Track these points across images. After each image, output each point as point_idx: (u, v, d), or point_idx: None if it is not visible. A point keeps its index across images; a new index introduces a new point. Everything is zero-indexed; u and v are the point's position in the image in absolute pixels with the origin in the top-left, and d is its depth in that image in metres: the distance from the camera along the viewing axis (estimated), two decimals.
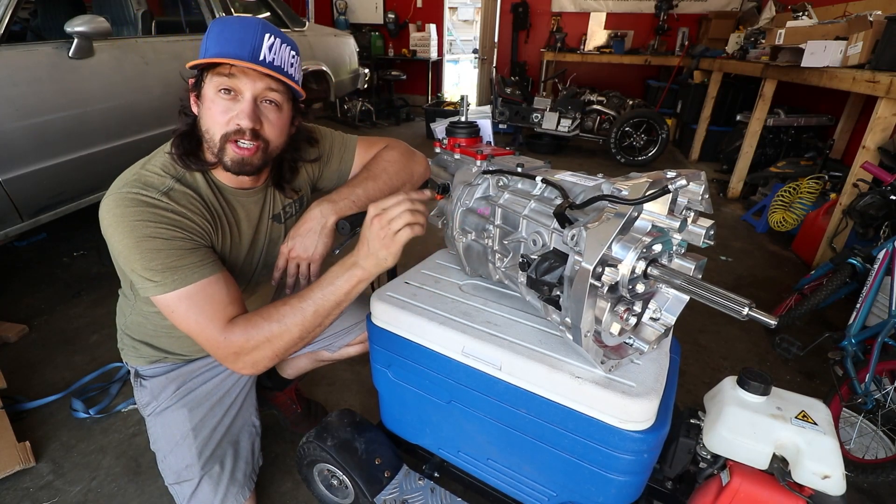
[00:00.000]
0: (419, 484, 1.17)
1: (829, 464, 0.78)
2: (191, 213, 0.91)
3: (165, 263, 0.85)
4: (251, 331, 0.87)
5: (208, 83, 0.89)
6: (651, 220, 0.74)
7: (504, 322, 0.95)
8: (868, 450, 1.55)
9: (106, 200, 0.88)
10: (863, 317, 1.67)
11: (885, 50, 2.44)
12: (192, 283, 0.86)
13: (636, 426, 0.78)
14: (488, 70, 6.54)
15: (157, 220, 0.86)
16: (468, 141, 1.16)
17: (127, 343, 1.16)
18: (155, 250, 0.85)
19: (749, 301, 0.65)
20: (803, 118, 3.73)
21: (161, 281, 0.85)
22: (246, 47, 0.86)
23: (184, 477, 1.10)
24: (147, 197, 0.87)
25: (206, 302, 0.87)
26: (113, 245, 0.87)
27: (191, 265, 0.87)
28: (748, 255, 3.04)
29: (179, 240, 0.87)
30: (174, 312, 0.88)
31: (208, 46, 0.87)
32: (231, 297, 0.91)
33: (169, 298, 0.86)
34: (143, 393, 1.15)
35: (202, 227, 0.93)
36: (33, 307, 2.24)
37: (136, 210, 0.85)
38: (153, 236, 0.85)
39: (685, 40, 5.64)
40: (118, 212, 0.85)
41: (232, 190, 1.01)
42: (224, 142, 0.90)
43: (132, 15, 2.61)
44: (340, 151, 1.20)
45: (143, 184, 0.89)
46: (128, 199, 0.86)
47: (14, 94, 1.86)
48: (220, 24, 0.89)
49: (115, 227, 0.85)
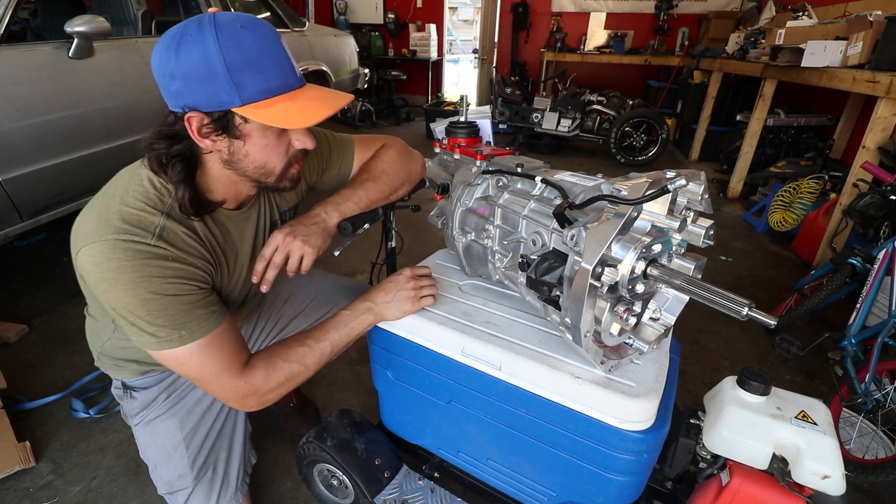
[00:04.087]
0: (419, 484, 1.17)
1: (828, 464, 0.77)
2: (191, 258, 0.82)
3: (173, 320, 0.78)
4: (272, 373, 0.87)
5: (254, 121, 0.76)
6: (651, 220, 0.74)
7: (504, 322, 0.95)
8: (868, 450, 1.55)
9: (91, 250, 0.74)
10: (863, 317, 1.67)
11: (885, 50, 2.44)
12: (203, 336, 0.81)
13: (636, 426, 0.78)
14: (488, 70, 6.55)
15: (162, 274, 0.76)
16: (468, 141, 1.16)
17: (107, 362, 1.07)
18: (161, 308, 0.76)
19: (749, 301, 0.65)
20: (803, 118, 3.73)
21: (166, 337, 0.78)
22: (289, 68, 0.77)
23: (177, 487, 1.08)
24: (143, 244, 0.75)
25: (219, 351, 0.83)
26: (107, 301, 0.76)
27: (199, 318, 0.81)
28: (748, 255, 3.03)
29: (187, 294, 0.79)
30: (184, 365, 0.82)
31: (240, 80, 0.71)
32: (241, 342, 0.89)
33: (178, 353, 0.80)
34: (132, 404, 1.08)
35: (204, 269, 0.85)
36: (33, 307, 2.24)
37: (136, 264, 0.74)
38: (160, 293, 0.76)
39: (685, 40, 5.64)
40: (112, 266, 0.73)
41: (226, 213, 0.92)
42: (287, 168, 0.86)
43: (132, 15, 2.61)
44: (340, 156, 1.16)
45: (132, 225, 0.76)
46: (121, 249, 0.74)
47: (14, 94, 1.86)
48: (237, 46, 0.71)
49: (112, 283, 0.74)
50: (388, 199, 1.11)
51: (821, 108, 3.83)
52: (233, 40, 0.71)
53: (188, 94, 0.73)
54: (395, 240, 1.24)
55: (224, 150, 0.80)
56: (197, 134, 0.76)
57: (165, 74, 0.73)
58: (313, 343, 0.92)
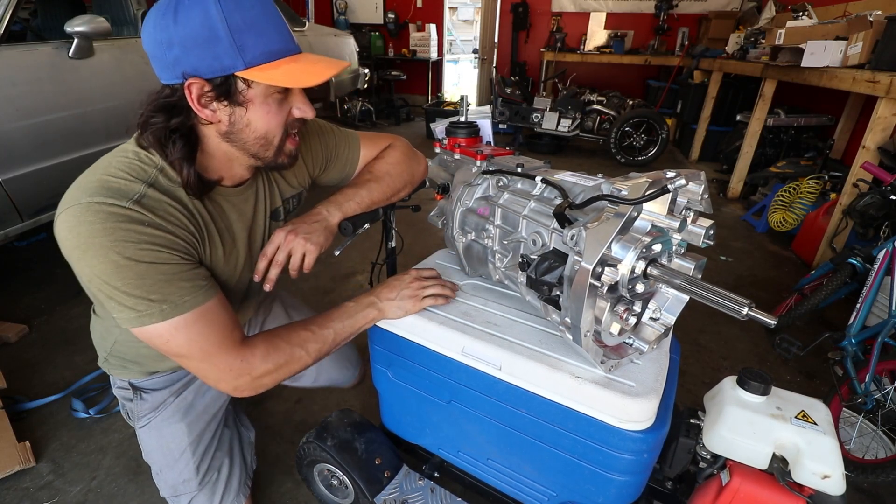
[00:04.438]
0: (419, 484, 1.17)
1: (828, 463, 0.78)
2: (171, 226, 0.76)
3: (152, 290, 0.72)
4: (272, 353, 0.83)
5: (257, 85, 0.75)
6: (651, 220, 0.74)
7: (504, 322, 0.95)
8: (868, 450, 1.55)
9: (65, 216, 0.71)
10: (863, 317, 1.67)
11: (885, 50, 2.44)
12: (190, 311, 0.75)
13: (636, 426, 0.78)
14: (488, 70, 6.55)
15: (136, 239, 0.71)
16: (468, 141, 1.16)
17: (115, 363, 1.03)
18: (137, 277, 0.71)
19: (748, 301, 0.65)
20: (803, 118, 3.73)
21: (146, 311, 0.73)
22: (287, 33, 0.75)
23: (181, 491, 1.08)
24: (117, 206, 0.71)
25: (209, 328, 0.78)
26: (81, 271, 0.72)
27: (183, 290, 0.75)
28: (748, 255, 3.04)
29: (165, 263, 0.74)
30: (170, 342, 0.76)
31: (243, 43, 0.70)
32: (235, 321, 0.83)
33: (161, 329, 0.75)
34: (141, 406, 1.06)
35: (186, 240, 0.79)
36: (33, 307, 2.24)
37: (108, 227, 0.70)
38: (133, 259, 0.71)
39: (685, 40, 5.64)
40: (83, 230, 0.69)
41: (222, 190, 0.88)
42: (284, 139, 0.83)
43: (132, 15, 2.61)
44: (345, 151, 1.13)
45: (109, 190, 0.72)
46: (94, 211, 0.70)
47: (14, 94, 1.86)
48: (237, 8, 0.70)
49: (84, 250, 0.70)
50: (390, 201, 1.11)
51: (821, 108, 3.83)
52: (234, 2, 0.69)
53: (188, 60, 0.70)
54: (395, 240, 1.24)
55: (224, 121, 0.77)
56: (197, 102, 0.74)
57: (161, 43, 0.70)
58: (317, 329, 0.90)
